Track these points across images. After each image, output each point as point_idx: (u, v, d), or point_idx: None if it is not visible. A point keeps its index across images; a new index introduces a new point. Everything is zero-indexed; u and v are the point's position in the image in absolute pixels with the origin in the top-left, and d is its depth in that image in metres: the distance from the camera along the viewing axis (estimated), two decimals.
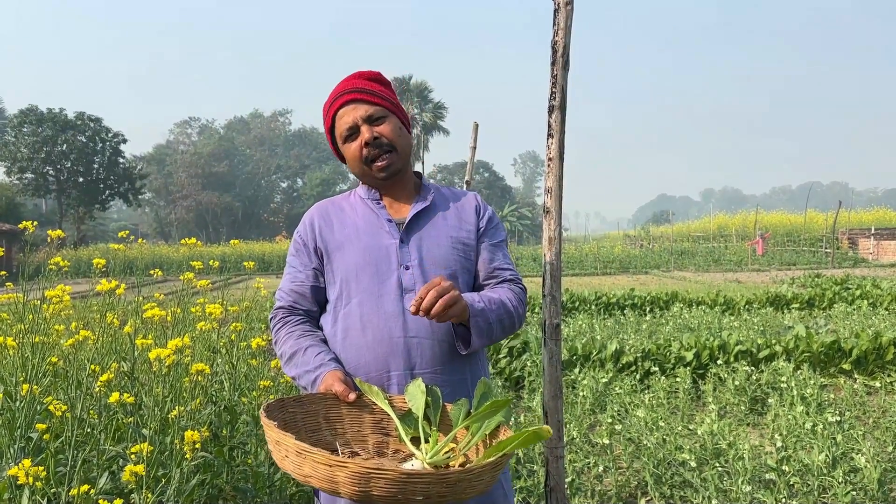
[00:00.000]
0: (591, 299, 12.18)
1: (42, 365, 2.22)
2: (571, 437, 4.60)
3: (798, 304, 11.75)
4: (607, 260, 31.73)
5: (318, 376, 1.68)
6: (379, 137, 1.83)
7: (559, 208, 2.27)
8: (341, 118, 1.86)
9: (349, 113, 1.84)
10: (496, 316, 1.75)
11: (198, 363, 2.12)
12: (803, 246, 34.81)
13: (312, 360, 1.72)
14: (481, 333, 1.71)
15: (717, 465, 3.99)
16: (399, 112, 1.91)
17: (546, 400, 2.23)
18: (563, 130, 2.26)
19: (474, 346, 1.71)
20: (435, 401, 1.56)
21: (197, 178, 69.24)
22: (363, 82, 1.88)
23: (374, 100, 1.85)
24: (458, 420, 1.48)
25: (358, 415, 1.61)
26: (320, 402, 1.59)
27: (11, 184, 46.00)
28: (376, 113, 1.84)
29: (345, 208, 1.96)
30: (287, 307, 1.88)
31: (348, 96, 1.84)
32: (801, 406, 5.05)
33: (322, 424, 1.57)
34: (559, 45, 2.21)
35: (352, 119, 1.83)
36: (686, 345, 6.98)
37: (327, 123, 1.92)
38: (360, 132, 1.83)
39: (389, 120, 1.86)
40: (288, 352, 1.78)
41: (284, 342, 1.81)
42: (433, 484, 1.18)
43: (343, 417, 1.60)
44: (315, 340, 1.79)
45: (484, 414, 1.38)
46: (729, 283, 19.75)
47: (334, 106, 1.86)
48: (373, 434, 1.61)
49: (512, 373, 6.61)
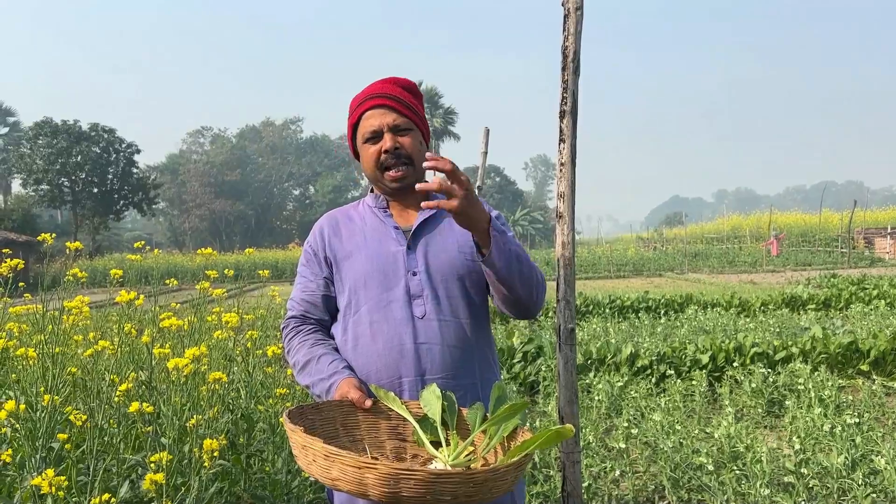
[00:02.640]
0: (605, 303, 12.14)
1: (62, 375, 2.25)
2: (587, 442, 4.58)
3: (814, 305, 11.65)
4: (620, 263, 31.59)
5: (332, 384, 1.69)
6: (400, 148, 1.84)
7: (572, 213, 2.27)
8: (367, 119, 1.86)
9: (377, 116, 1.85)
10: (517, 248, 1.72)
11: (215, 372, 2.14)
12: (818, 246, 34.50)
13: (326, 367, 1.73)
14: (500, 249, 1.65)
15: (734, 469, 3.97)
16: (424, 127, 1.93)
17: (562, 405, 2.23)
18: (574, 135, 2.26)
19: (493, 258, 1.64)
20: (450, 405, 1.57)
21: (210, 187, 69.66)
22: (398, 90, 1.89)
23: (403, 110, 1.86)
24: (476, 423, 1.49)
25: (374, 421, 1.62)
26: (337, 408, 1.60)
27: (28, 195, 46.52)
28: (403, 124, 1.85)
29: (353, 217, 1.98)
30: (299, 316, 1.90)
31: (380, 101, 1.85)
32: (819, 408, 5.01)
33: (340, 431, 1.58)
34: (569, 51, 2.22)
35: (378, 123, 1.84)
36: (701, 347, 6.95)
37: (352, 120, 1.92)
38: (383, 138, 1.84)
39: (413, 134, 1.88)
40: (301, 360, 1.79)
41: (297, 351, 1.82)
42: (461, 484, 1.19)
43: (360, 424, 1.61)
44: (328, 349, 1.80)
45: (502, 417, 1.39)
46: (744, 284, 19.63)
47: (364, 106, 1.87)
48: (390, 440, 1.62)
49: (526, 378, 6.60)
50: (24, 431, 1.98)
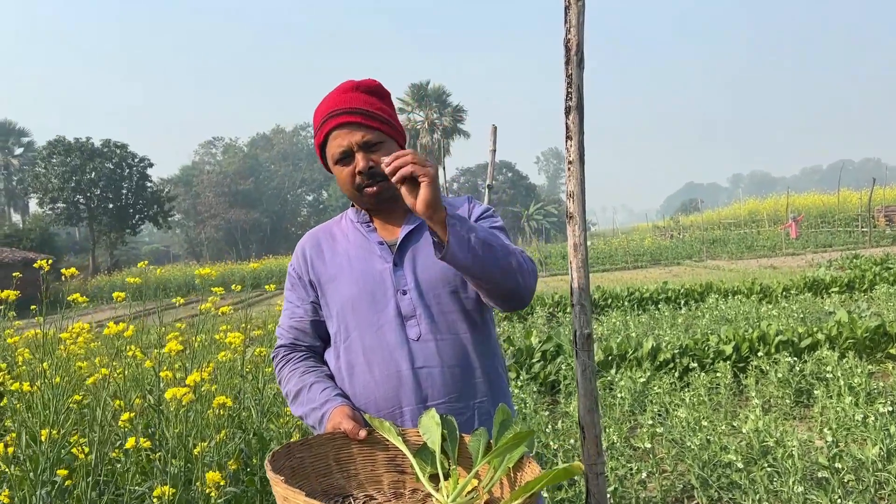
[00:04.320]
0: (624, 295, 11.99)
1: (64, 404, 2.18)
2: (611, 443, 4.47)
3: (837, 288, 11.43)
4: (637, 253, 31.31)
5: (324, 413, 1.58)
6: (374, 167, 1.69)
7: (583, 213, 2.17)
8: (335, 139, 1.71)
9: (344, 136, 1.69)
10: (485, 234, 1.52)
11: (220, 396, 2.06)
12: (838, 227, 34.03)
13: (318, 396, 1.62)
14: (459, 238, 1.45)
15: (765, 465, 3.84)
16: (397, 133, 1.77)
17: (582, 414, 2.13)
18: (581, 131, 2.16)
19: (452, 250, 1.44)
20: (451, 433, 1.44)
21: (224, 197, 70.07)
22: (361, 98, 1.72)
23: (372, 123, 1.70)
24: (479, 454, 1.38)
25: (370, 453, 1.50)
26: (328, 443, 1.47)
27: (45, 214, 46.97)
28: (374, 139, 1.69)
29: (336, 235, 1.85)
30: (288, 345, 1.79)
31: (345, 118, 1.69)
32: (850, 396, 4.87)
33: (333, 467, 1.47)
34: (572, 44, 2.11)
35: (346, 143, 1.69)
36: (724, 338, 6.81)
37: (318, 139, 1.77)
38: (355, 158, 1.70)
39: (387, 145, 1.72)
40: (293, 390, 1.68)
41: (288, 381, 1.71)
42: None
43: (354, 457, 1.49)
44: (320, 376, 1.69)
45: (505, 447, 1.29)
46: (764, 269, 19.38)
47: (328, 125, 1.71)
48: (388, 473, 1.50)
49: (547, 377, 6.50)
50: (21, 469, 1.91)
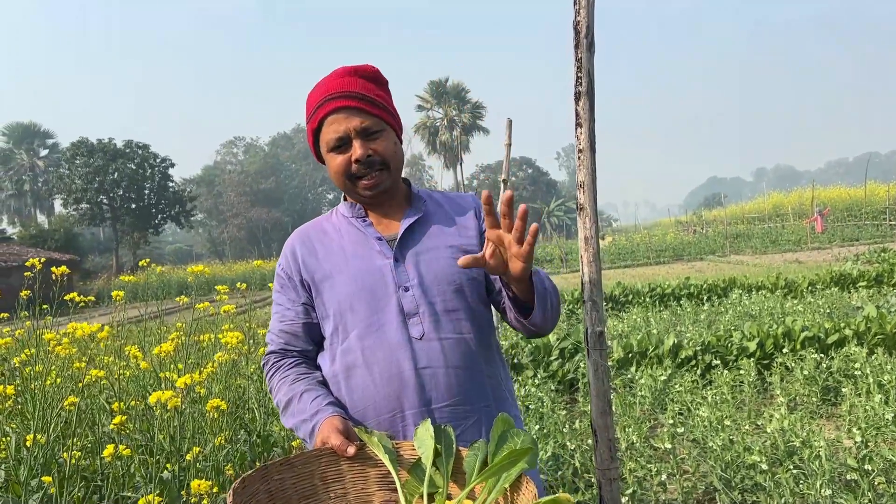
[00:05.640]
0: (645, 291, 11.81)
1: (56, 409, 2.10)
2: (631, 443, 4.34)
3: (865, 282, 11.16)
4: (660, 248, 30.98)
5: (314, 425, 1.46)
6: (372, 155, 1.60)
7: (594, 204, 2.05)
8: (330, 125, 1.61)
9: (341, 121, 1.59)
10: (551, 285, 1.54)
11: (215, 399, 1.97)
12: (865, 220, 33.41)
13: (308, 406, 1.51)
14: (543, 301, 1.48)
15: (790, 467, 3.69)
16: (394, 122, 1.68)
17: (594, 417, 2.02)
18: (592, 118, 2.04)
19: (535, 318, 1.48)
20: (447, 445, 1.32)
21: (245, 196, 70.58)
22: (360, 83, 1.63)
23: (371, 109, 1.60)
24: (474, 471, 1.26)
25: (361, 469, 1.37)
26: (314, 461, 1.35)
27: (69, 215, 47.54)
28: (372, 125, 1.60)
29: (328, 231, 1.74)
30: (279, 351, 1.67)
31: (342, 102, 1.59)
32: (879, 394, 4.69)
33: (318, 487, 1.34)
34: (581, 26, 2.00)
35: (343, 129, 1.59)
36: (748, 334, 6.63)
37: (312, 125, 1.66)
38: (352, 146, 1.60)
39: (386, 135, 1.63)
40: (283, 400, 1.57)
41: (279, 390, 1.60)
42: None
43: (344, 475, 1.37)
44: (311, 384, 1.58)
45: (500, 466, 1.17)
46: (789, 264, 19.03)
47: (324, 109, 1.61)
48: (380, 491, 1.37)
49: (565, 375, 6.37)
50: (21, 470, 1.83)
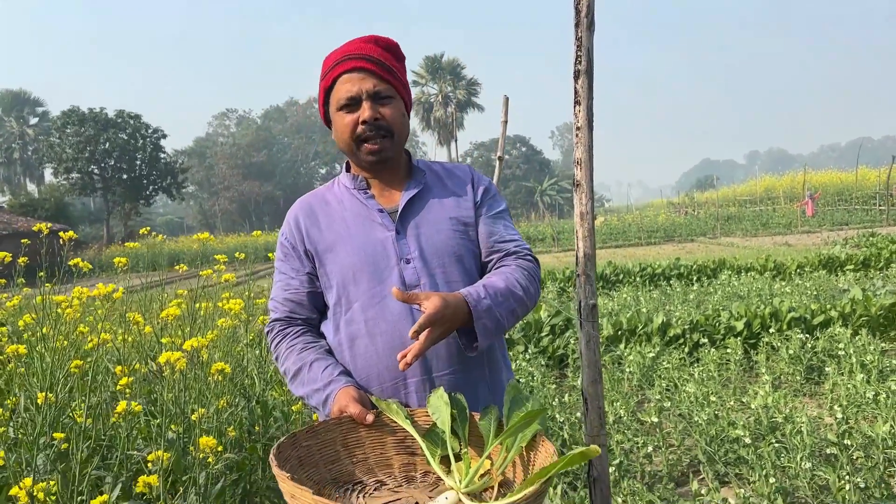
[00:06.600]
0: (636, 271, 11.93)
1: (63, 370, 2.16)
2: (619, 416, 4.45)
3: (853, 266, 11.30)
4: (651, 229, 31.09)
5: (328, 395, 1.52)
6: (380, 119, 1.64)
7: (590, 181, 2.11)
8: (343, 83, 1.65)
9: (355, 81, 1.63)
10: (505, 310, 1.57)
11: (218, 363, 2.03)
12: (856, 205, 33.60)
13: (320, 375, 1.56)
14: (488, 335, 1.53)
15: (773, 441, 3.81)
16: (406, 95, 1.73)
17: (585, 386, 2.09)
18: (590, 97, 2.09)
19: (481, 348, 1.54)
20: (461, 412, 1.39)
21: (237, 169, 70.25)
22: (378, 50, 1.67)
23: (385, 75, 1.65)
24: (490, 434, 1.34)
25: (379, 436, 1.45)
26: (335, 428, 1.42)
27: (59, 184, 47.25)
28: (384, 91, 1.65)
29: (330, 202, 1.77)
30: (283, 318, 1.71)
31: (358, 63, 1.64)
32: (861, 374, 4.81)
33: (341, 453, 1.42)
34: (582, 5, 2.04)
35: (356, 89, 1.63)
36: (736, 314, 6.75)
37: (325, 83, 1.70)
38: (362, 107, 1.64)
39: (396, 103, 1.67)
40: (292, 368, 1.62)
41: (286, 358, 1.65)
42: None
43: (363, 442, 1.44)
44: (320, 353, 1.63)
45: (517, 426, 1.24)
46: (778, 246, 19.20)
47: (340, 68, 1.66)
48: (398, 455, 1.45)
49: (555, 351, 6.47)
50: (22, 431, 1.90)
